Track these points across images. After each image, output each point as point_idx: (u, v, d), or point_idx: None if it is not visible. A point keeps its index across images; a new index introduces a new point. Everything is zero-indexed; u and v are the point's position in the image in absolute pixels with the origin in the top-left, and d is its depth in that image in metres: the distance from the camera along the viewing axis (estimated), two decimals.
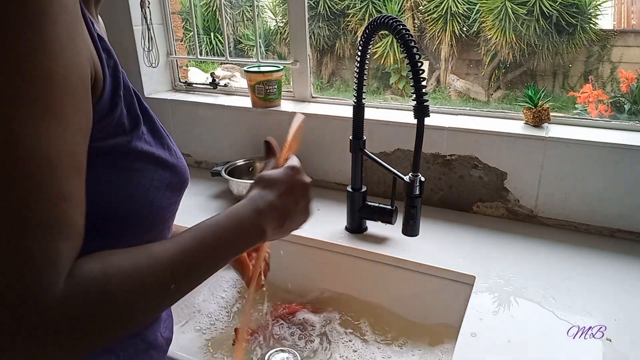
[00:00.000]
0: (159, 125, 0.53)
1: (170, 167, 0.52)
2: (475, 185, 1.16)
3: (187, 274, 0.45)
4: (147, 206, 0.49)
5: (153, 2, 1.46)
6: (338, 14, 4.28)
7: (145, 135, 0.49)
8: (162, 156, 0.51)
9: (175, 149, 0.55)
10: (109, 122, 0.44)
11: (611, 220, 1.06)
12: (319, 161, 1.32)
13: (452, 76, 4.12)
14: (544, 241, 1.05)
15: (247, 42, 4.57)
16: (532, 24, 3.57)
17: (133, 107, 0.48)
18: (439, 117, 1.20)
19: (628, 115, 1.86)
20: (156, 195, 0.50)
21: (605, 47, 3.58)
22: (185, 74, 1.70)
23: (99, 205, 0.45)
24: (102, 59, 0.43)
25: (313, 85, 1.40)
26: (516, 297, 0.86)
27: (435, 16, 3.94)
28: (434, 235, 1.08)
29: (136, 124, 0.48)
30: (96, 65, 0.42)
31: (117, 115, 0.45)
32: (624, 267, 0.95)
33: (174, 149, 0.55)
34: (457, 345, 0.75)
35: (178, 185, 0.54)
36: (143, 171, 0.48)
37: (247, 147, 1.41)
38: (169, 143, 0.54)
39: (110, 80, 0.44)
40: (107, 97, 0.43)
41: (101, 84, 0.42)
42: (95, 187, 0.44)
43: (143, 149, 0.48)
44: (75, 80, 0.37)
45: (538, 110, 1.10)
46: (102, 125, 0.43)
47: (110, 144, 0.45)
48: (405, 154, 1.20)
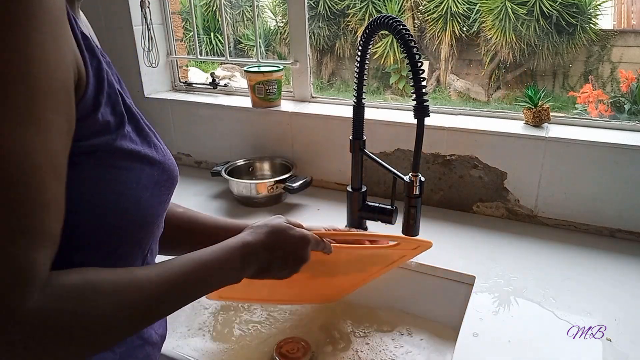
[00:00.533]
0: (143, 123, 0.53)
1: (157, 165, 0.52)
2: (475, 185, 1.16)
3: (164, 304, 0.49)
4: (135, 204, 0.49)
5: (153, 2, 1.46)
6: (338, 14, 4.28)
7: (131, 133, 0.49)
8: (149, 154, 0.51)
9: (162, 147, 0.55)
10: (93, 121, 0.44)
11: (611, 220, 1.06)
12: (319, 161, 1.32)
13: (452, 76, 4.12)
14: (544, 241, 1.05)
15: (247, 42, 4.57)
16: (532, 24, 3.57)
17: (117, 106, 0.47)
18: (439, 117, 1.20)
19: (628, 115, 1.86)
20: (144, 193, 0.50)
21: (605, 47, 3.58)
22: (185, 74, 1.70)
23: (86, 205, 0.45)
24: (85, 58, 0.43)
25: (313, 85, 1.40)
26: (516, 297, 0.86)
27: (435, 16, 3.95)
28: (434, 235, 1.07)
29: (121, 123, 0.48)
30: (79, 65, 0.41)
31: (101, 114, 0.44)
32: (624, 267, 0.95)
33: (160, 146, 0.55)
34: (457, 345, 0.75)
35: (167, 182, 0.54)
36: (129, 170, 0.48)
37: (247, 147, 1.41)
38: (155, 141, 0.54)
39: (93, 80, 0.43)
40: (90, 96, 0.43)
41: (84, 84, 0.42)
42: (80, 187, 0.44)
43: (128, 147, 0.48)
44: (57, 84, 0.37)
45: (538, 110, 1.10)
46: (86, 124, 0.43)
47: (94, 142, 0.44)
48: (405, 154, 1.21)
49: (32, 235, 0.35)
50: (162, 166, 0.53)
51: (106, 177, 0.46)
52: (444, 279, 0.95)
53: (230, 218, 0.81)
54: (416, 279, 0.98)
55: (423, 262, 0.97)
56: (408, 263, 0.98)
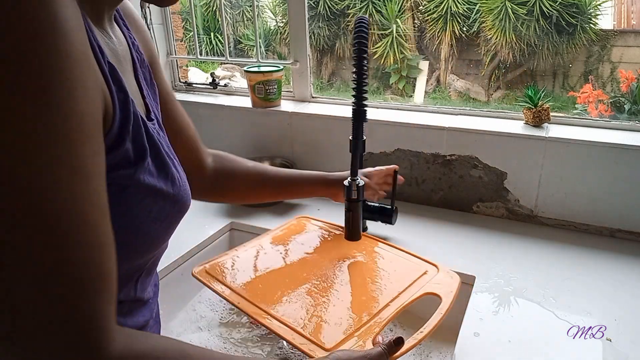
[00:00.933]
0: (164, 152, 0.51)
1: (170, 198, 0.51)
2: (475, 185, 1.16)
3: None
4: (140, 237, 0.48)
5: None
6: (338, 14, 4.29)
7: (150, 166, 0.48)
8: (164, 187, 0.50)
9: (179, 176, 0.54)
10: (115, 155, 0.43)
11: (611, 220, 1.06)
12: (319, 161, 1.32)
13: (452, 76, 4.12)
14: (544, 241, 1.05)
15: (247, 42, 4.57)
16: (532, 24, 3.57)
17: (140, 138, 0.46)
18: (439, 117, 1.20)
19: (628, 115, 1.86)
20: (152, 226, 0.49)
21: (605, 47, 3.58)
22: (185, 74, 1.70)
23: None
24: (112, 91, 0.42)
25: (313, 85, 1.40)
26: (516, 297, 0.86)
27: (435, 16, 3.95)
28: (434, 235, 1.08)
29: (142, 157, 0.47)
30: (107, 99, 0.41)
31: (125, 149, 0.44)
32: (624, 267, 0.95)
33: (177, 176, 0.53)
34: (458, 345, 0.75)
35: (177, 215, 0.53)
36: (142, 204, 0.47)
37: (247, 147, 1.41)
38: (173, 172, 0.52)
39: (119, 114, 0.43)
40: (116, 131, 0.42)
41: (111, 118, 0.42)
42: None
43: (145, 181, 0.47)
44: (91, 128, 0.37)
45: (538, 110, 1.10)
46: (109, 157, 0.42)
47: (113, 176, 0.43)
48: (405, 154, 1.21)
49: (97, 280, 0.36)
50: (175, 199, 0.52)
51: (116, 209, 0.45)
52: None
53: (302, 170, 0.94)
54: None
55: None
56: None
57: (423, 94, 4.10)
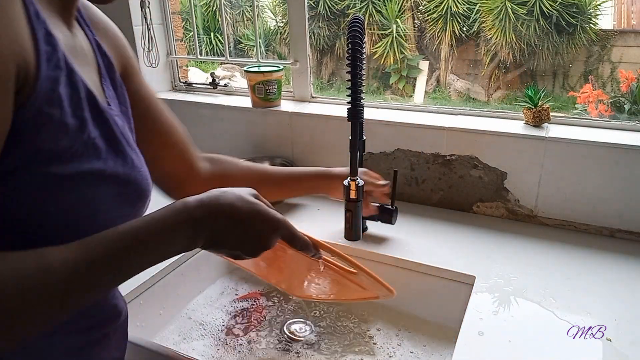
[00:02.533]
0: (118, 131, 0.50)
1: (120, 177, 0.49)
2: (475, 185, 1.16)
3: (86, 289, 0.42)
4: (87, 219, 0.46)
5: (153, 2, 1.46)
6: (338, 14, 4.28)
7: (97, 139, 0.47)
8: (110, 165, 0.48)
9: (134, 157, 0.52)
10: (47, 120, 0.42)
11: (611, 220, 1.06)
12: (319, 161, 1.32)
13: (452, 76, 4.12)
14: (544, 241, 1.05)
15: (247, 42, 4.57)
16: (532, 24, 3.57)
17: (79, 109, 0.45)
18: (439, 117, 1.20)
19: (628, 115, 1.86)
20: (100, 207, 0.47)
21: (605, 47, 3.58)
22: (185, 74, 1.70)
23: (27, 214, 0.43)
24: (39, 55, 0.41)
25: (313, 85, 1.40)
26: (516, 297, 0.86)
27: (435, 16, 3.94)
28: (434, 235, 1.08)
29: (81, 127, 0.45)
30: (28, 61, 0.40)
31: (58, 114, 0.43)
32: (624, 267, 0.95)
33: (131, 156, 0.52)
34: (457, 345, 0.75)
35: (132, 196, 0.51)
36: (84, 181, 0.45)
37: (247, 147, 1.41)
38: (126, 150, 0.51)
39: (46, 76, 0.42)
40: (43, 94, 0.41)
41: (32, 81, 0.41)
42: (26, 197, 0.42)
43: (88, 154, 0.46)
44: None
45: (538, 110, 1.10)
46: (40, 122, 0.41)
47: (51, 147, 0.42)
48: (405, 154, 1.20)
49: None
50: (126, 178, 0.50)
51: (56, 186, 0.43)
52: (444, 279, 0.95)
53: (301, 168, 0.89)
54: (416, 279, 0.98)
55: (423, 262, 0.97)
56: (408, 264, 0.98)
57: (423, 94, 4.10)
